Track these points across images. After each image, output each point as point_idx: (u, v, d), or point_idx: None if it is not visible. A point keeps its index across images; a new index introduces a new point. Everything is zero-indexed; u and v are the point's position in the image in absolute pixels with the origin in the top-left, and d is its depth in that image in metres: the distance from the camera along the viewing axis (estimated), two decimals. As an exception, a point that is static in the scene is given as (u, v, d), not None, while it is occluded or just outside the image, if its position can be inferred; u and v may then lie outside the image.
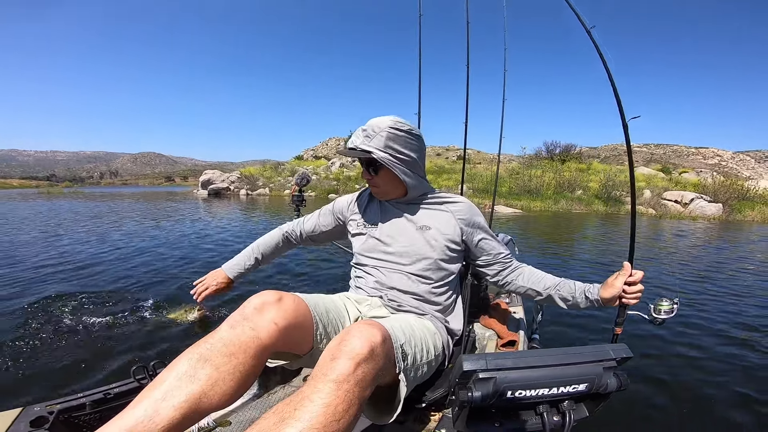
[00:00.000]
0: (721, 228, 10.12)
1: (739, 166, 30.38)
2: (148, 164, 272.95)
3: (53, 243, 5.49)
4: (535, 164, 20.94)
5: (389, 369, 0.76)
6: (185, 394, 0.64)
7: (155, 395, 0.63)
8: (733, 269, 4.73)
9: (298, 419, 0.57)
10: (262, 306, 0.78)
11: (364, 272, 1.11)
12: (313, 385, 0.62)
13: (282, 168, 24.78)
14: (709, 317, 2.91)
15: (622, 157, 32.15)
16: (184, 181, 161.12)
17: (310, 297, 0.91)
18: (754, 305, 3.25)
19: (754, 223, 12.01)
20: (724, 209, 13.55)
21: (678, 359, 2.24)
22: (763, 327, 2.73)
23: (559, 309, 1.05)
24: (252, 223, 8.61)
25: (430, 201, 1.09)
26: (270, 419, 0.58)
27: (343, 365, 0.64)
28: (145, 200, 17.76)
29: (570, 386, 0.64)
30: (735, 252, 6.23)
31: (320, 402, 0.59)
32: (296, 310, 0.82)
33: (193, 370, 0.67)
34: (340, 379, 0.62)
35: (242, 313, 0.77)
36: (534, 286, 1.06)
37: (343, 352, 0.66)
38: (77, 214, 10.33)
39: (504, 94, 2.56)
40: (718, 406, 1.78)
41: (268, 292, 0.81)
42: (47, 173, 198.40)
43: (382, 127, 0.95)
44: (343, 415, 0.60)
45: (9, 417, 0.84)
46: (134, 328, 2.41)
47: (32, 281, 3.42)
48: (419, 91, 2.17)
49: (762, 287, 3.86)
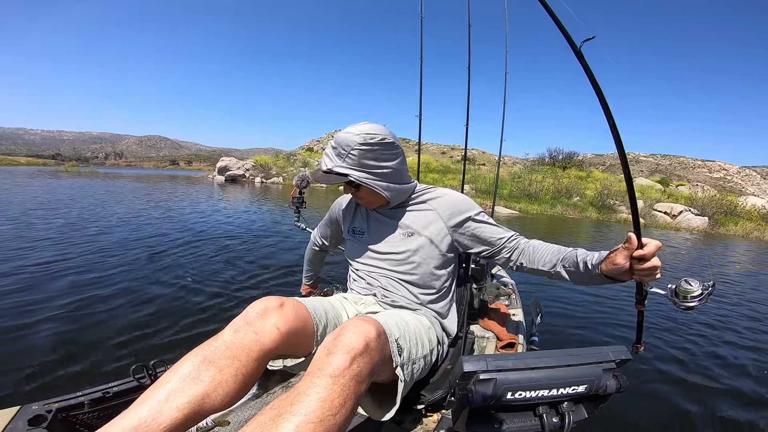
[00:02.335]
0: (697, 239, 10.97)
1: (744, 181, 29.76)
2: (153, 147, 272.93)
3: (107, 228, 5.96)
4: (537, 169, 21.76)
5: (386, 364, 0.78)
6: (189, 395, 0.65)
7: (159, 396, 0.64)
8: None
9: (294, 414, 0.58)
10: (264, 311, 0.79)
11: (356, 275, 1.13)
12: (309, 380, 0.63)
13: (294, 159, 25.73)
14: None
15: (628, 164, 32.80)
16: (189, 165, 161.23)
17: (308, 300, 0.93)
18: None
19: (736, 237, 12.54)
20: (710, 222, 14.27)
21: (678, 359, 2.28)
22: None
23: (573, 293, 1.15)
24: (277, 213, 9.17)
25: (414, 201, 1.08)
26: (267, 414, 0.59)
27: (338, 360, 0.65)
28: (166, 182, 18.75)
29: (569, 388, 0.64)
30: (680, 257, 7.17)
31: (316, 396, 0.60)
32: (297, 315, 0.83)
33: (197, 372, 0.68)
34: (336, 373, 0.63)
35: (245, 318, 0.78)
36: (539, 266, 0.96)
37: (339, 346, 0.67)
38: (114, 194, 11.22)
39: (505, 97, 2.56)
40: (718, 406, 1.81)
41: (270, 297, 0.83)
42: (53, 152, 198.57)
43: (352, 145, 0.91)
44: (339, 409, 0.61)
45: (7, 415, 0.84)
46: (139, 323, 2.32)
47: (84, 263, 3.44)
48: (420, 93, 2.17)
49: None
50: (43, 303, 2.50)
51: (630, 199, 0.76)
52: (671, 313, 3.05)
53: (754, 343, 2.68)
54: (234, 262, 3.85)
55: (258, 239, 5.18)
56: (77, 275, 3.09)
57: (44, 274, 3.07)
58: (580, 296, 3.46)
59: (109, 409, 0.98)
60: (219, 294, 2.88)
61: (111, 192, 11.62)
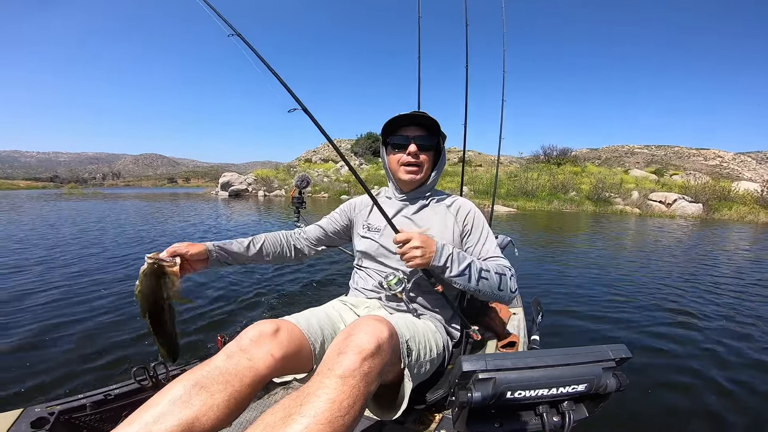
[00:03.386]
0: (690, 225, 11.21)
1: (740, 167, 29.60)
2: (149, 165, 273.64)
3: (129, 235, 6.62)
4: (533, 167, 22.12)
5: (394, 365, 0.79)
6: (178, 419, 0.64)
7: (146, 418, 0.63)
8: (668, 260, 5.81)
9: (303, 415, 0.58)
10: (258, 337, 0.78)
11: (366, 274, 1.13)
12: (319, 381, 0.64)
13: (294, 170, 26.19)
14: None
15: (623, 158, 32.73)
16: (187, 182, 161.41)
17: (303, 319, 0.91)
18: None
19: (731, 222, 12.74)
20: (704, 209, 14.51)
21: (676, 359, 2.28)
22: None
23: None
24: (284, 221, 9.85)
25: (435, 202, 1.14)
26: (277, 414, 0.60)
27: (349, 360, 0.65)
28: (174, 200, 19.14)
29: (569, 387, 0.65)
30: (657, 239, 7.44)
31: (325, 397, 0.60)
32: (292, 340, 0.82)
33: (187, 395, 0.67)
34: (346, 374, 0.64)
35: (239, 344, 0.77)
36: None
37: (350, 346, 0.67)
38: (134, 213, 11.59)
39: (503, 96, 2.56)
40: (719, 405, 1.80)
41: (264, 322, 0.82)
42: (50, 174, 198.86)
43: (432, 117, 1.06)
44: (348, 410, 0.61)
45: (10, 418, 0.85)
46: (137, 327, 2.38)
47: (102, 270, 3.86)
48: (418, 95, 2.15)
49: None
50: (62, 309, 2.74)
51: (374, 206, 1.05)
52: (672, 311, 3.11)
53: (760, 343, 2.59)
54: (248, 270, 4.01)
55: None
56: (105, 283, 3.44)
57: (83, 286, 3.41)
58: (580, 295, 3.50)
59: (110, 411, 0.98)
60: (222, 297, 3.08)
61: (129, 211, 12.03)
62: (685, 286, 4.02)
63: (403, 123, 1.09)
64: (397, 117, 1.07)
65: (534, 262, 5.05)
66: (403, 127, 1.09)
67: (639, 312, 3.11)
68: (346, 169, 25.20)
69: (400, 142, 1.08)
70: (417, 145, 1.06)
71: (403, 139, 1.08)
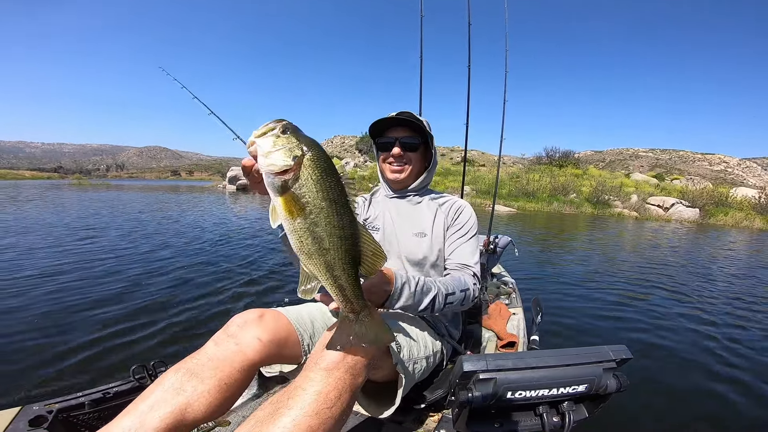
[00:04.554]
0: (683, 230, 11.47)
1: (745, 172, 29.80)
2: (153, 158, 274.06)
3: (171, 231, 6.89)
4: (535, 168, 22.30)
5: (384, 360, 0.80)
6: (171, 405, 0.67)
7: (142, 407, 0.66)
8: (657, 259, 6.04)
9: (291, 408, 0.60)
10: (244, 323, 0.82)
11: None
12: (305, 375, 0.66)
13: (299, 166, 26.45)
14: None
15: (627, 161, 32.84)
16: (190, 175, 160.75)
17: (292, 310, 0.94)
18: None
19: (726, 227, 12.90)
20: (701, 214, 14.73)
21: (676, 359, 2.28)
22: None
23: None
24: None
25: (429, 200, 1.14)
26: (266, 409, 0.62)
27: (333, 353, 0.67)
28: (181, 193, 19.49)
29: (570, 387, 0.65)
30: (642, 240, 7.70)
31: (312, 390, 0.62)
32: (278, 326, 0.86)
33: (179, 383, 0.70)
34: (330, 366, 0.65)
35: (226, 332, 0.81)
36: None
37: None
38: (149, 204, 11.92)
39: (505, 96, 2.55)
40: (720, 404, 1.80)
41: (249, 311, 0.86)
42: (54, 165, 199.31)
43: (422, 119, 1.06)
44: (335, 402, 0.62)
45: (8, 416, 0.85)
46: (145, 324, 2.38)
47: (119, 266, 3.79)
48: (420, 95, 2.15)
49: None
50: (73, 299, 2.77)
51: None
52: (673, 312, 3.14)
53: (760, 343, 2.62)
54: (256, 262, 4.27)
55: (269, 241, 5.78)
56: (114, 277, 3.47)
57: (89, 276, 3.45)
58: (580, 296, 3.51)
59: (109, 409, 0.98)
60: (223, 297, 3.12)
61: (142, 202, 12.49)
62: (685, 286, 4.05)
63: (391, 124, 1.11)
64: (380, 120, 1.10)
65: (534, 262, 5.11)
66: (389, 128, 1.12)
67: (639, 312, 3.15)
68: (351, 167, 25.58)
69: (385, 142, 1.11)
70: (402, 144, 1.08)
71: (389, 140, 1.10)
